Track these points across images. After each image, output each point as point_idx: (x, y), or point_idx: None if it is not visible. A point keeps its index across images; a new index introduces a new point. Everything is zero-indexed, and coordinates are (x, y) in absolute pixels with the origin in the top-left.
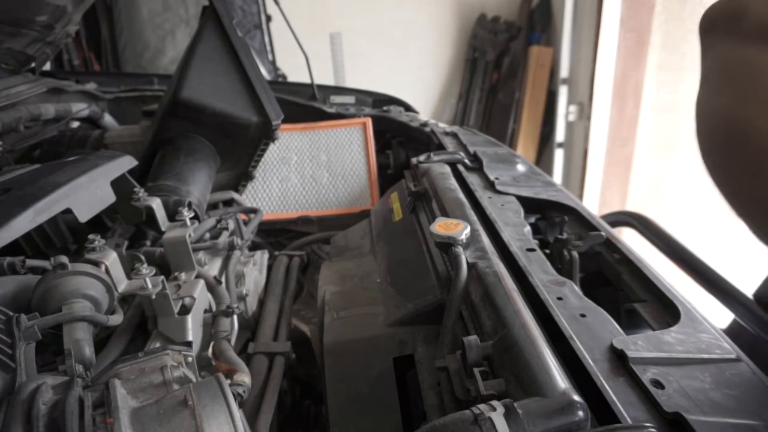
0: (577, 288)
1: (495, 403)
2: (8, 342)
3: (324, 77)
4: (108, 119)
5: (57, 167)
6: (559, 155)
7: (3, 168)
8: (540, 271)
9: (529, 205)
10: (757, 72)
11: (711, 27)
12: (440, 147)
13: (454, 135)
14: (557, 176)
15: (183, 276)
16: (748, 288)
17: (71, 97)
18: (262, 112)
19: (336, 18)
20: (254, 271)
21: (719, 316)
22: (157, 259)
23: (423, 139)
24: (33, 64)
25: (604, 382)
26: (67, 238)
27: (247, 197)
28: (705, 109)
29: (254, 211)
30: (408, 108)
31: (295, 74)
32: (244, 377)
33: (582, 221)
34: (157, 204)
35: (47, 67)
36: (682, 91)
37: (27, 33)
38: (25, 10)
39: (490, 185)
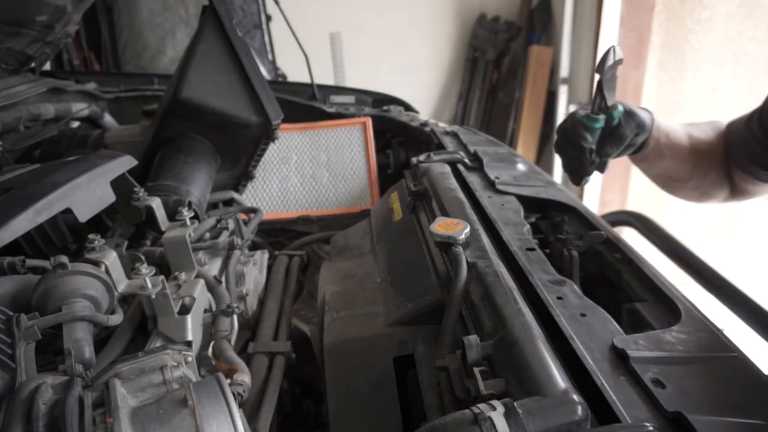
0: (577, 287)
1: (495, 402)
2: (8, 342)
3: (324, 77)
4: (108, 119)
5: (57, 167)
6: None
7: (3, 168)
8: (540, 270)
9: (530, 204)
10: None
11: None
12: (440, 146)
13: (454, 134)
14: (557, 176)
15: (183, 276)
16: (748, 287)
17: (71, 97)
18: (262, 111)
19: (336, 18)
20: (254, 271)
21: (720, 315)
22: (157, 259)
23: (423, 139)
24: (33, 64)
25: (604, 381)
26: (67, 238)
27: (247, 197)
28: None
29: (254, 210)
30: (408, 108)
31: (295, 74)
32: (244, 377)
33: (582, 221)
34: (156, 204)
35: (47, 67)
36: (683, 90)
37: (27, 33)
38: (25, 10)
39: (491, 185)
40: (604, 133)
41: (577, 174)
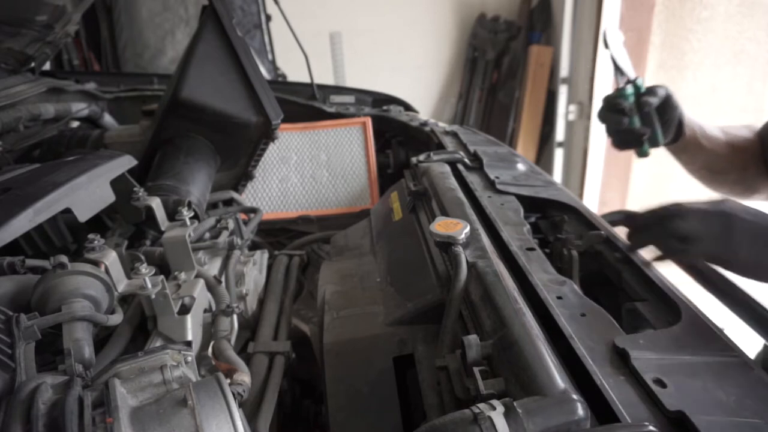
0: (576, 287)
1: (495, 402)
2: (8, 341)
3: (324, 77)
4: (108, 119)
5: (56, 167)
6: (559, 155)
7: (3, 168)
8: (540, 270)
9: (529, 204)
10: None
11: None
12: (440, 146)
13: (454, 134)
14: (557, 176)
15: (183, 275)
16: (748, 287)
17: (71, 97)
18: (261, 111)
19: (336, 18)
20: (254, 271)
21: (720, 315)
22: (156, 259)
23: (423, 139)
24: (33, 64)
25: (603, 381)
26: (67, 237)
27: (247, 197)
28: None
29: (254, 210)
30: (408, 107)
31: (295, 74)
32: (244, 377)
33: (582, 220)
34: (156, 203)
35: (47, 66)
36: (683, 90)
37: (27, 33)
38: (25, 10)
39: (490, 184)
40: (638, 101)
41: (624, 139)
